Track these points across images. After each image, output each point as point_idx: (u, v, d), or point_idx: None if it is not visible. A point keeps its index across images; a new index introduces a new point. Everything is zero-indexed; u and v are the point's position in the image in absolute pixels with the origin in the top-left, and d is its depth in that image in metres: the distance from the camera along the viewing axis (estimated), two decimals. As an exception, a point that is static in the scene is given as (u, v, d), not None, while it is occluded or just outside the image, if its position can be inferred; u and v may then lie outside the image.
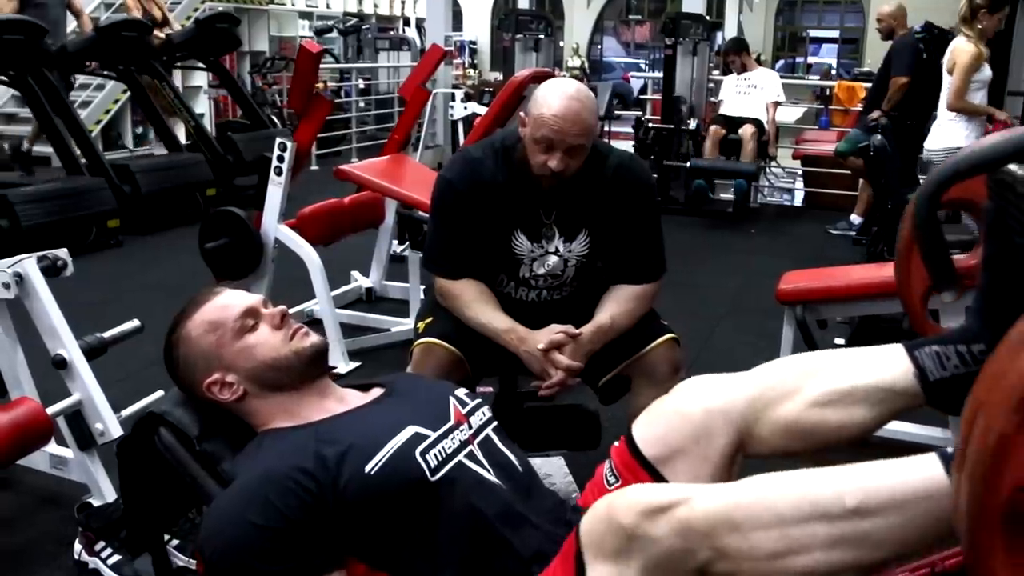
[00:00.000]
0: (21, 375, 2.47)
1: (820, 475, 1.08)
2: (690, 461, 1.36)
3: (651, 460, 1.39)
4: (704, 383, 1.42)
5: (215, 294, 1.52)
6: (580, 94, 2.02)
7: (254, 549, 1.24)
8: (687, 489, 1.10)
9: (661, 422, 1.41)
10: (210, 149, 6.81)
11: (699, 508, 1.05)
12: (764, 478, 1.10)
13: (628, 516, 1.07)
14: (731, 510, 1.05)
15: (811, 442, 1.36)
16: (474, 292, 2.16)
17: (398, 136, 4.23)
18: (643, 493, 1.10)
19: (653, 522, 1.06)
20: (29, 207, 5.05)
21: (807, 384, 1.35)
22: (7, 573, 2.21)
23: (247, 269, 3.68)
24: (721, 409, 1.36)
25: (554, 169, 2.03)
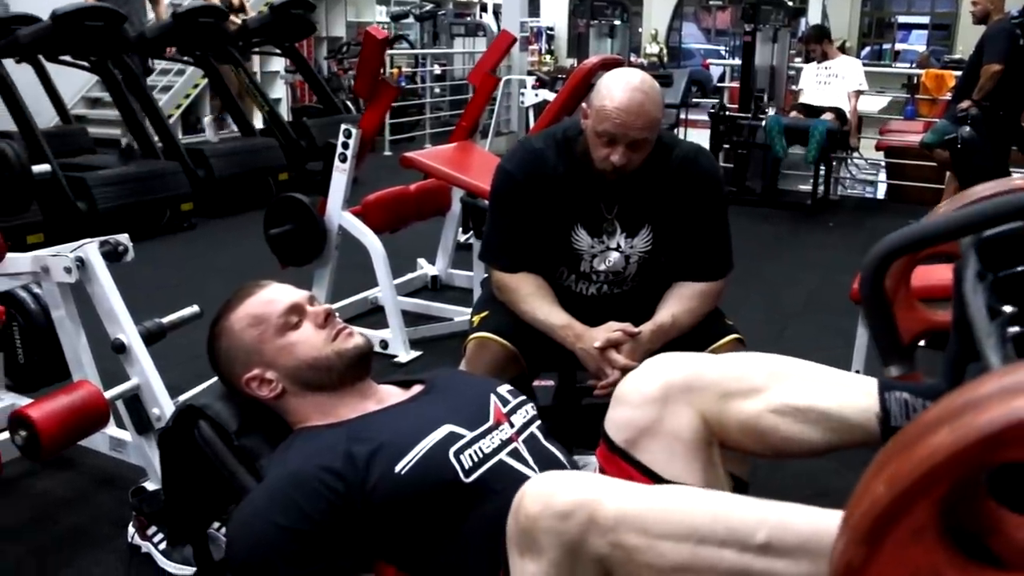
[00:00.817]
0: (83, 358, 2.50)
1: (743, 502, 1.05)
2: (660, 440, 1.30)
3: (622, 446, 1.33)
4: (664, 359, 1.37)
5: (261, 287, 1.49)
6: (645, 85, 1.94)
7: (279, 551, 1.20)
8: (598, 483, 1.07)
9: (625, 406, 1.35)
10: (283, 134, 6.88)
11: (608, 504, 1.02)
12: (688, 490, 1.08)
13: (535, 508, 1.05)
14: (645, 512, 1.01)
15: (764, 446, 1.31)
16: (531, 286, 2.10)
17: (466, 123, 4.18)
18: (547, 485, 1.07)
19: (560, 515, 1.03)
20: (106, 190, 5.16)
21: (772, 387, 1.29)
22: (65, 552, 2.23)
23: (311, 256, 3.68)
24: (681, 385, 1.30)
25: (616, 164, 1.96)
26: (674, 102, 7.11)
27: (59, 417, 2.15)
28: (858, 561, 0.58)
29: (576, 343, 2.03)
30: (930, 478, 0.56)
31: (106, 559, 2.18)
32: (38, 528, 2.35)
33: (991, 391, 0.56)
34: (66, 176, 5.09)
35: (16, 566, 2.18)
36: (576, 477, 1.07)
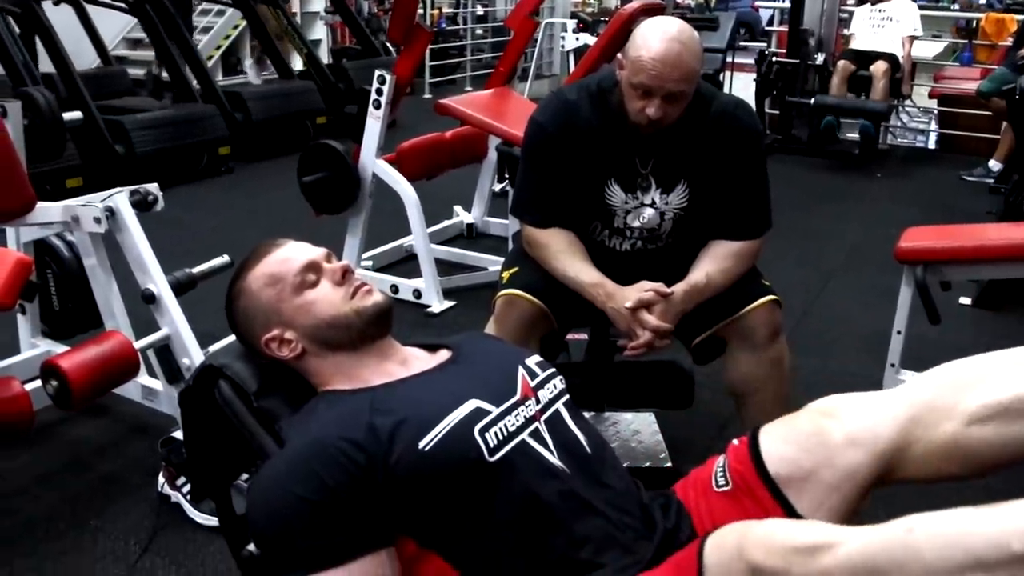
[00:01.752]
0: (115, 307, 2.51)
1: (977, 515, 0.93)
2: (820, 488, 1.24)
3: (775, 478, 1.27)
4: (849, 406, 1.28)
5: (277, 246, 1.46)
6: (683, 35, 1.85)
7: (297, 522, 1.18)
8: (831, 532, 0.97)
9: (794, 440, 1.29)
10: (321, 77, 6.82)
11: (844, 553, 0.93)
12: (912, 519, 0.95)
13: (761, 553, 0.97)
14: (876, 557, 0.92)
15: (973, 464, 1.22)
16: (562, 242, 2.05)
17: (503, 69, 4.09)
18: (783, 532, 1.00)
19: (793, 563, 0.95)
20: (144, 134, 5.16)
21: (964, 397, 1.20)
22: (97, 500, 2.26)
23: (345, 203, 3.65)
24: (867, 439, 1.23)
25: (652, 117, 1.89)
26: (720, 46, 6.92)
27: (89, 368, 2.16)
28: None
29: (607, 302, 1.99)
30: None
31: (137, 507, 2.20)
32: (72, 475, 2.39)
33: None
34: (104, 119, 5.09)
35: (50, 512, 2.21)
36: (804, 529, 1.01)
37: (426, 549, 1.23)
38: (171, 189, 5.23)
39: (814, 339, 3.28)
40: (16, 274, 1.98)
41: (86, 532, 2.12)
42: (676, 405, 2.44)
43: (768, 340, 2.04)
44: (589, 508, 1.27)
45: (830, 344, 3.26)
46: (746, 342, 2.05)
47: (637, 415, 2.65)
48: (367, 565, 1.18)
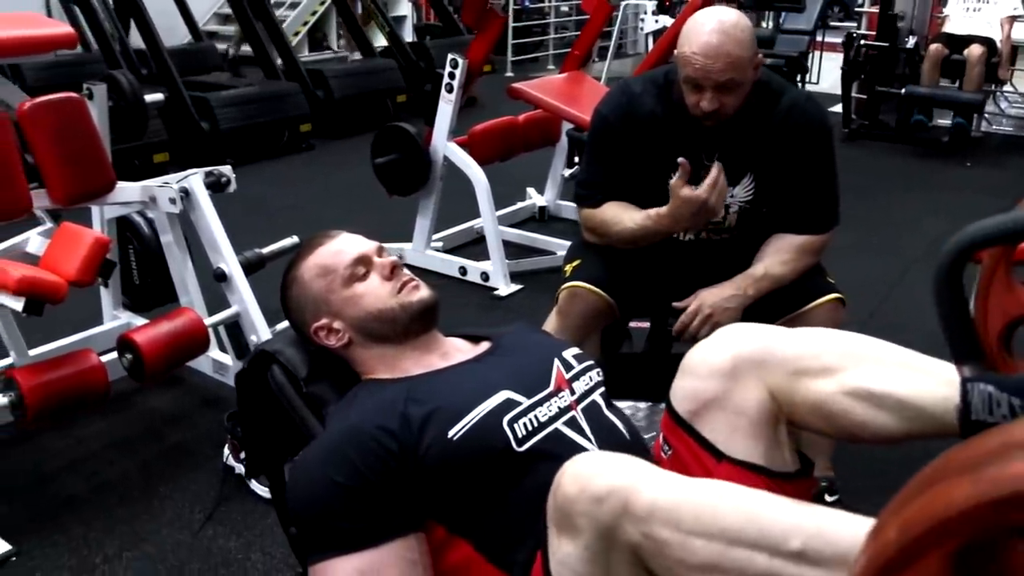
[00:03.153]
0: (189, 284, 2.61)
1: (780, 505, 0.99)
2: (724, 414, 1.27)
3: (685, 416, 1.30)
4: (737, 330, 1.32)
5: (330, 238, 1.51)
6: (726, 26, 1.84)
7: (333, 505, 1.23)
8: (635, 469, 1.02)
9: (690, 375, 1.31)
10: (403, 55, 6.89)
11: (644, 493, 0.98)
12: (726, 485, 1.03)
13: (572, 489, 1.02)
14: (679, 505, 0.97)
15: (835, 428, 1.26)
16: (614, 208, 2.04)
17: (578, 52, 4.07)
18: (588, 466, 1.04)
19: (595, 499, 1.00)
20: (228, 111, 5.31)
21: (848, 368, 1.23)
22: (167, 468, 2.37)
23: (415, 185, 3.71)
24: (751, 358, 1.26)
25: (706, 109, 1.89)
26: (805, 28, 6.74)
27: (161, 343, 2.26)
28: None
29: (667, 219, 1.93)
30: (941, 531, 0.51)
31: (203, 477, 2.30)
32: (146, 443, 2.51)
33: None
34: (191, 96, 5.25)
35: (124, 477, 2.33)
36: (616, 461, 1.04)
37: (455, 535, 1.27)
38: (252, 165, 5.44)
39: (885, 333, 3.18)
40: (94, 253, 2.09)
41: (155, 498, 2.22)
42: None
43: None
44: None
45: (901, 339, 3.17)
46: None
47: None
48: (397, 548, 1.22)
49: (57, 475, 2.33)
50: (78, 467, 2.37)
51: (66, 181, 2.26)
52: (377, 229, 3.97)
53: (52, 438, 2.47)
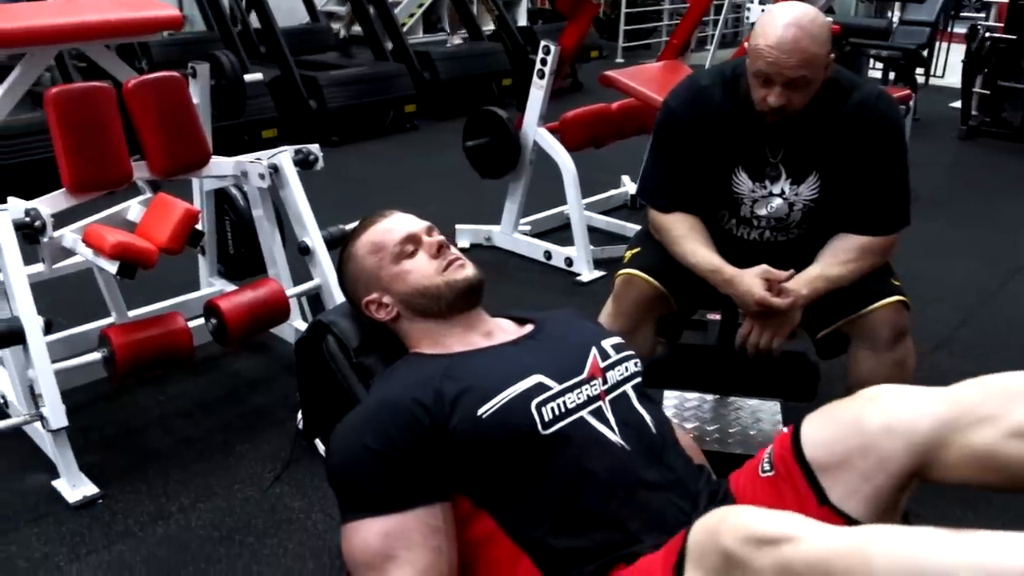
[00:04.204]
0: (276, 256, 2.74)
1: (938, 538, 0.94)
2: (853, 476, 1.25)
3: (811, 463, 1.29)
4: (892, 395, 1.28)
5: (384, 217, 1.57)
6: (802, 20, 1.81)
7: (365, 470, 1.30)
8: (799, 525, 1.00)
9: (833, 426, 1.30)
10: (510, 39, 6.94)
11: (804, 550, 0.96)
12: (879, 529, 0.98)
13: (732, 539, 1.01)
14: (831, 559, 0.95)
15: (1006, 477, 1.19)
16: (685, 227, 2.06)
17: (676, 41, 4.05)
18: (753, 519, 1.02)
19: (756, 553, 0.98)
20: (336, 90, 5.48)
21: (1012, 409, 1.17)
22: (245, 429, 2.51)
23: (505, 169, 3.76)
24: (904, 430, 1.22)
25: (772, 105, 1.87)
26: (927, 19, 6.48)
27: (244, 310, 2.39)
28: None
29: (726, 288, 1.99)
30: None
31: (277, 438, 2.42)
32: (229, 404, 2.66)
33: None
34: (301, 75, 5.44)
35: (205, 434, 2.48)
36: (775, 518, 1.02)
37: (479, 508, 1.32)
38: (357, 144, 5.62)
39: (976, 343, 3.10)
40: (183, 222, 2.22)
41: (231, 456, 2.36)
42: (798, 397, 2.40)
43: (891, 342, 1.98)
44: (644, 486, 1.32)
45: (992, 350, 3.06)
46: (868, 342, 2.00)
47: (763, 403, 2.62)
48: (423, 515, 1.29)
49: (146, 429, 2.50)
50: (165, 423, 2.53)
51: (164, 154, 2.40)
52: (470, 210, 4.12)
53: (145, 395, 2.65)
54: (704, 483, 1.42)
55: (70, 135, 2.22)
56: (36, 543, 2.03)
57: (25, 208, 2.17)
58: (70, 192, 2.29)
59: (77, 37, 2.52)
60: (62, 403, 2.14)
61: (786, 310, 1.94)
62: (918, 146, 5.45)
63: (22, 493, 2.20)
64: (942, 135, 6.18)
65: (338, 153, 5.38)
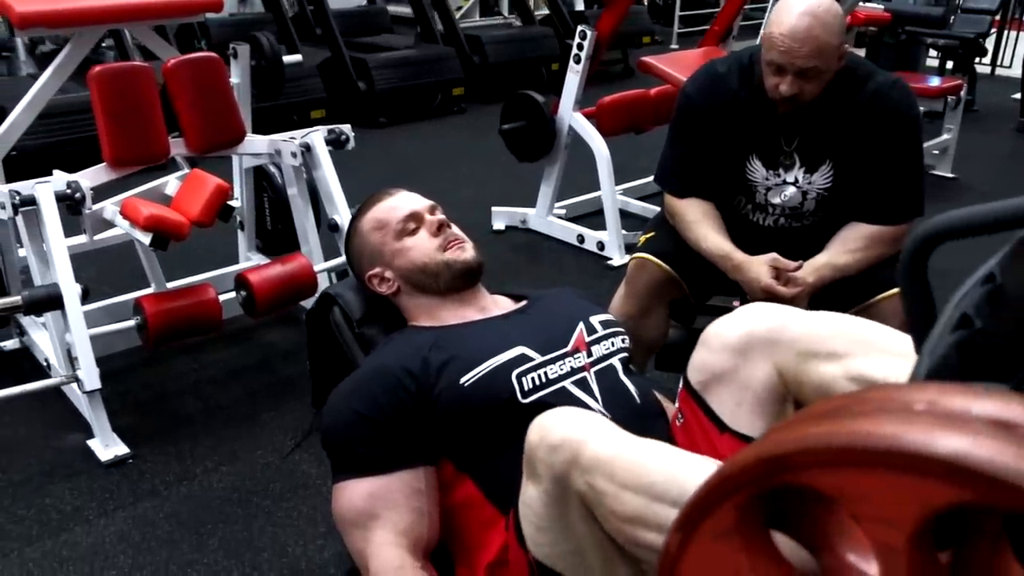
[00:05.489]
0: (309, 233, 2.83)
1: (701, 462, 1.04)
2: (731, 388, 1.34)
3: (696, 388, 1.38)
4: (757, 308, 1.37)
5: (389, 195, 1.64)
6: (817, 10, 1.83)
7: (353, 433, 1.38)
8: (590, 424, 1.09)
9: (705, 346, 1.39)
10: (562, 23, 6.95)
11: (591, 446, 1.05)
12: (660, 446, 1.08)
13: (534, 438, 1.11)
14: (614, 460, 1.03)
15: None
16: (698, 212, 2.09)
17: (717, 28, 4.04)
18: (551, 419, 1.12)
19: (551, 448, 1.08)
20: (384, 72, 5.56)
21: (855, 354, 1.26)
22: (272, 398, 2.60)
23: (540, 152, 3.81)
24: (763, 336, 1.31)
25: (784, 94, 1.89)
26: (988, 7, 6.32)
27: (273, 282, 2.49)
28: (674, 547, 0.60)
29: (735, 274, 2.02)
30: (729, 484, 0.56)
31: (301, 408, 2.52)
32: (258, 373, 2.76)
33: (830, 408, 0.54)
34: (351, 57, 5.54)
35: (233, 402, 2.58)
36: (575, 416, 1.12)
37: (462, 473, 1.39)
38: (404, 125, 5.71)
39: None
40: (215, 197, 2.32)
41: (257, 424, 2.46)
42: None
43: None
44: None
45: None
46: None
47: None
48: (407, 477, 1.36)
49: (178, 394, 2.62)
50: (197, 389, 2.64)
51: (200, 132, 2.50)
52: (508, 193, 4.18)
53: (180, 363, 2.77)
54: None
55: (111, 112, 2.33)
56: (69, 497, 2.15)
57: (67, 180, 2.29)
58: (110, 166, 2.40)
59: (121, 18, 2.62)
60: (96, 367, 2.25)
61: (791, 299, 1.96)
62: (973, 138, 5.39)
63: (59, 450, 2.33)
64: (999, 127, 6.05)
65: (385, 134, 5.47)
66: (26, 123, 2.57)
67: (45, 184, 2.26)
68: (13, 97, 2.67)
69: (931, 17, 5.69)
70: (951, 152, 4.93)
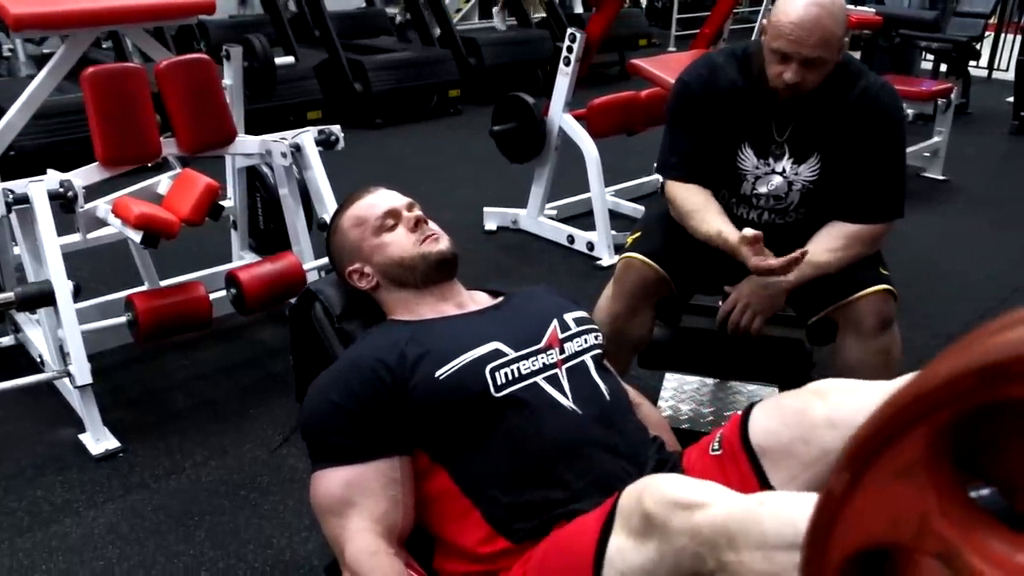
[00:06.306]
0: (300, 232, 2.87)
1: (802, 498, 1.02)
2: (794, 464, 1.31)
3: (755, 447, 1.37)
4: (839, 389, 1.34)
5: (369, 192, 1.68)
6: (825, 0, 1.87)
7: (330, 423, 1.42)
8: (713, 493, 1.07)
9: (780, 415, 1.37)
10: (559, 26, 6.99)
11: (712, 515, 1.03)
12: (767, 493, 1.06)
13: (652, 502, 1.09)
14: (730, 523, 1.02)
15: None
16: (700, 199, 2.09)
17: (707, 31, 4.09)
18: (673, 485, 1.10)
19: (673, 516, 1.06)
20: (381, 74, 5.61)
21: None
22: (260, 394, 2.65)
23: (530, 154, 3.85)
24: (846, 424, 1.27)
25: (788, 82, 1.92)
26: (982, 10, 6.37)
27: (262, 280, 2.53)
28: (839, 490, 0.51)
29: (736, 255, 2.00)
30: (924, 405, 0.47)
31: (289, 404, 2.54)
32: (248, 369, 2.81)
33: None
34: (348, 58, 5.58)
35: (223, 397, 2.63)
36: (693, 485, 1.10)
37: (437, 464, 1.43)
38: (400, 126, 5.76)
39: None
40: (204, 196, 2.36)
41: (245, 419, 2.50)
42: (791, 383, 2.42)
43: (876, 330, 2.02)
44: (593, 448, 1.40)
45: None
46: (854, 329, 2.03)
47: (761, 388, 2.68)
48: (383, 467, 1.40)
49: (169, 390, 2.66)
50: (188, 385, 2.69)
51: (191, 131, 2.55)
52: (500, 193, 4.22)
53: (172, 359, 2.81)
54: (654, 452, 1.49)
55: (103, 112, 2.38)
56: (60, 490, 2.20)
57: (60, 179, 2.33)
58: (103, 166, 2.44)
59: (115, 20, 2.67)
60: (89, 362, 2.30)
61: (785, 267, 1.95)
62: (967, 140, 5.43)
63: (51, 444, 2.37)
64: (993, 130, 6.09)
65: (381, 135, 5.52)
66: (22, 123, 2.62)
67: (38, 183, 2.30)
68: (11, 97, 2.72)
69: (924, 20, 5.73)
70: (942, 154, 4.97)
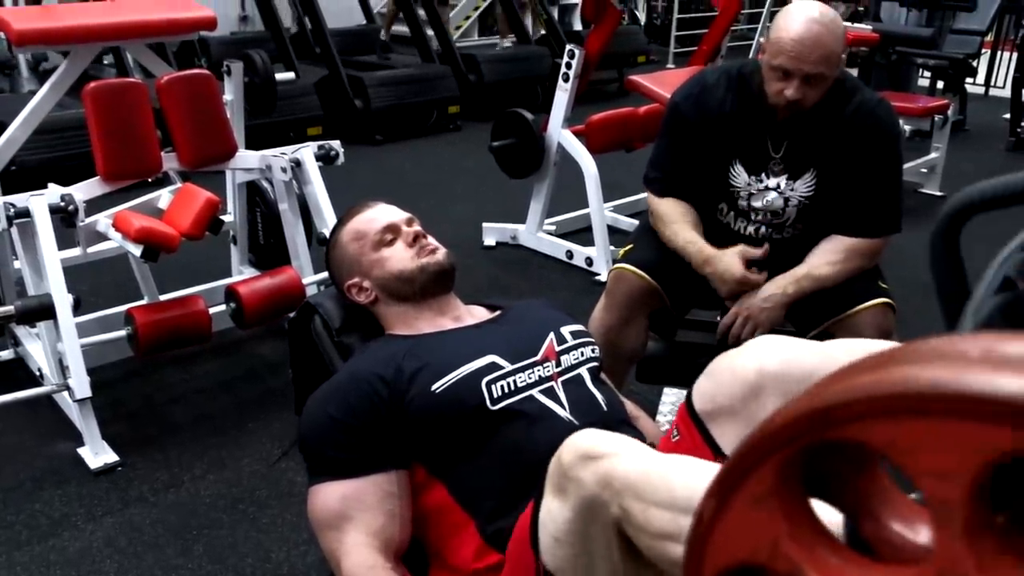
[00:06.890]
0: (299, 247, 2.88)
1: None
2: (737, 421, 1.33)
3: (700, 415, 1.38)
4: (769, 342, 1.36)
5: (368, 207, 1.69)
6: (825, 18, 1.89)
7: (327, 437, 1.42)
8: (622, 445, 1.09)
9: (715, 378, 1.38)
10: (558, 43, 7.04)
11: (621, 466, 1.04)
12: (683, 459, 1.07)
13: (567, 457, 1.10)
14: (641, 478, 1.03)
15: None
16: (677, 212, 2.13)
17: (705, 47, 4.12)
18: (586, 438, 1.11)
19: (584, 467, 1.07)
20: (380, 90, 5.64)
21: None
22: (258, 408, 2.66)
23: (529, 169, 3.87)
24: (775, 372, 1.30)
25: (789, 98, 1.93)
26: (978, 28, 6.40)
27: (261, 294, 2.54)
28: (707, 514, 0.55)
29: (706, 268, 2.06)
30: (773, 441, 0.50)
31: (287, 417, 2.55)
32: (247, 384, 2.81)
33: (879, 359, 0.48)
34: (348, 75, 5.62)
35: (221, 411, 2.64)
36: (604, 438, 1.11)
37: (433, 477, 1.43)
38: (399, 142, 5.78)
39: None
40: (204, 211, 2.38)
41: (244, 433, 2.51)
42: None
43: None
44: None
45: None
46: None
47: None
48: (380, 480, 1.40)
49: (168, 404, 2.67)
50: (187, 399, 2.69)
51: (192, 146, 2.56)
52: (500, 209, 4.23)
53: (171, 373, 2.82)
54: None
55: (104, 127, 2.39)
56: (58, 503, 2.20)
57: (61, 193, 2.35)
58: (103, 180, 2.46)
59: (117, 36, 2.69)
60: (88, 376, 2.30)
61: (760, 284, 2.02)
62: (964, 156, 5.46)
63: (50, 458, 2.38)
64: (990, 146, 6.12)
65: (380, 151, 5.55)
66: (23, 137, 2.63)
67: (39, 197, 2.32)
68: (13, 113, 2.74)
69: (921, 38, 5.76)
70: (939, 171, 5.00)
